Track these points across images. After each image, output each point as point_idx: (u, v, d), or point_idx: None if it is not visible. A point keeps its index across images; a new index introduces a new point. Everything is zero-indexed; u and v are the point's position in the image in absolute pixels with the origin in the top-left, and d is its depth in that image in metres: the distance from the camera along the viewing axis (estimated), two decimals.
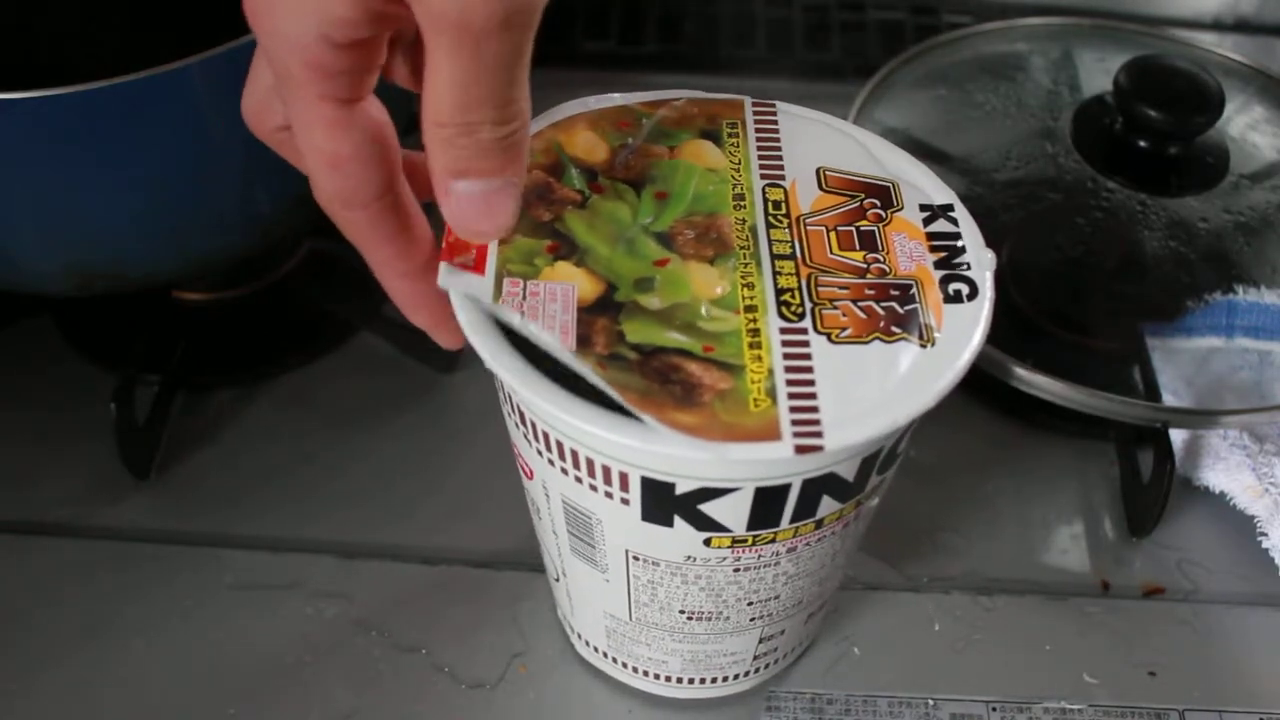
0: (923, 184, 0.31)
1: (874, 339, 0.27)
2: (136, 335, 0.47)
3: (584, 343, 0.27)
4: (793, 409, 0.26)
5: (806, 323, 0.28)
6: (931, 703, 0.40)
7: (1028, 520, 0.45)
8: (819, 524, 0.30)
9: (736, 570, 0.31)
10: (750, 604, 0.33)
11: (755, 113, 0.33)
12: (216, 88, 0.37)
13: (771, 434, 0.25)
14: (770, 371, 0.26)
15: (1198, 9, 0.65)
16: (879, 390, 0.26)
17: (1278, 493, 0.43)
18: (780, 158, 0.31)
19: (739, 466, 0.27)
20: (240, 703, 0.39)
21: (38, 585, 0.42)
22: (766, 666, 0.38)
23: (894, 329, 0.28)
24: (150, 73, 0.35)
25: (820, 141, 0.32)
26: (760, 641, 0.36)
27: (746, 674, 0.38)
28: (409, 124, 0.47)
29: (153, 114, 0.36)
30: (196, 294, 0.50)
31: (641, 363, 0.26)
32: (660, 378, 0.26)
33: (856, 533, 0.33)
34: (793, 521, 0.29)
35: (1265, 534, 0.43)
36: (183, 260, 0.42)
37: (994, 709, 0.39)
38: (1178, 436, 0.44)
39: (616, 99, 0.33)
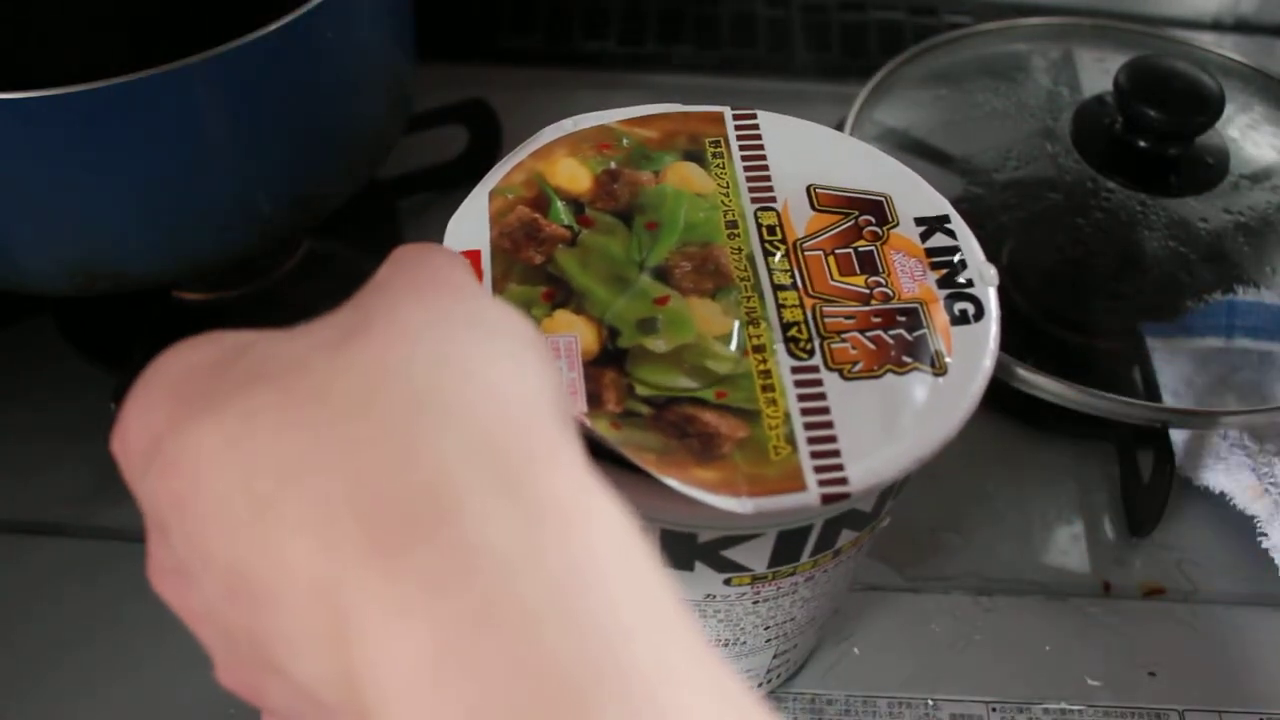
0: (915, 193, 0.31)
1: (886, 371, 0.27)
2: (136, 335, 0.47)
3: (595, 401, 0.26)
4: (814, 454, 0.25)
5: (817, 359, 0.27)
6: (931, 703, 0.40)
7: (1028, 520, 0.45)
8: (837, 553, 0.30)
9: (756, 602, 0.31)
10: (767, 628, 0.33)
11: (737, 125, 0.32)
12: (216, 88, 0.37)
13: (796, 484, 0.25)
14: (787, 415, 0.26)
15: (1198, 9, 0.65)
16: (898, 426, 0.26)
17: (1278, 493, 0.43)
18: (768, 177, 0.31)
19: (764, 517, 0.26)
20: (240, 703, 0.39)
21: (38, 585, 0.42)
22: (778, 678, 0.38)
23: (905, 359, 0.27)
24: (150, 73, 0.35)
25: (807, 153, 0.31)
26: (774, 658, 0.35)
27: (759, 686, 0.38)
28: (410, 126, 0.48)
29: (153, 114, 0.36)
30: (196, 294, 0.50)
31: (656, 417, 0.26)
32: (677, 431, 0.26)
33: (868, 548, 0.33)
34: (813, 555, 0.29)
35: (1265, 534, 0.43)
36: (183, 260, 0.42)
37: (994, 709, 0.39)
38: (1178, 436, 0.44)
39: (593, 119, 0.32)
